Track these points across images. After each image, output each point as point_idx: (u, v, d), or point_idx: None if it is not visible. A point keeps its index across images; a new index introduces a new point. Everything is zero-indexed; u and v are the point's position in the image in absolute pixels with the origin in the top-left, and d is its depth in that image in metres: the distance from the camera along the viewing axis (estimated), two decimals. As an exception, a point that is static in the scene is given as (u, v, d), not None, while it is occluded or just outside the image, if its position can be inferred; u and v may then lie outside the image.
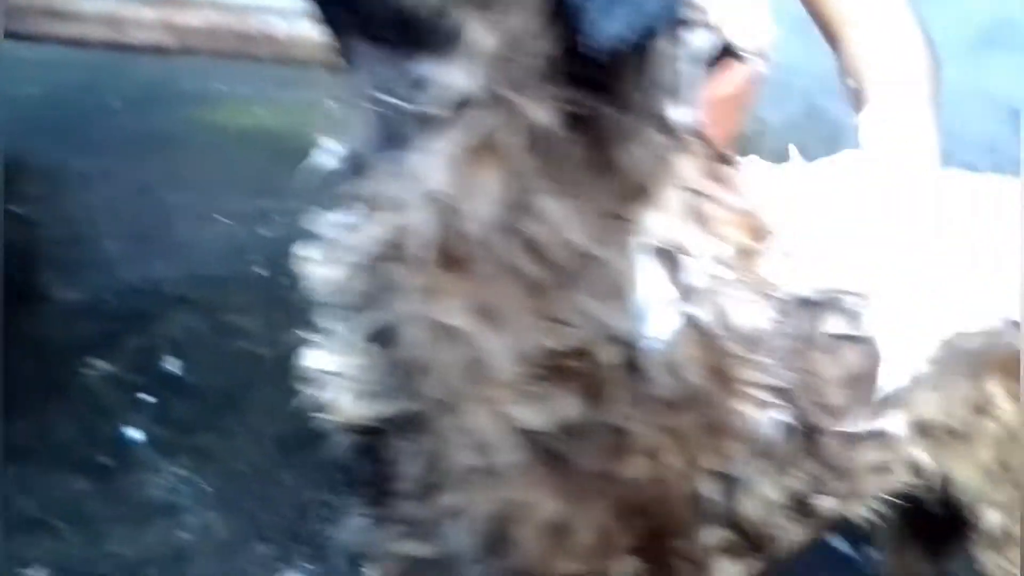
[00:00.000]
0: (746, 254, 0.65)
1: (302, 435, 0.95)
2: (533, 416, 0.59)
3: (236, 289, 2.08)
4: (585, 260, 0.57)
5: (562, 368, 0.58)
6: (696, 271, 0.62)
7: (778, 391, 0.67)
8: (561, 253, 0.56)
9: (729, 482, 0.68)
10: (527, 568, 0.67)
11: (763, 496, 0.71)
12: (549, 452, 0.60)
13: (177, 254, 2.23)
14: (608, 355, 0.58)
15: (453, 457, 0.62)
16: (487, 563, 0.68)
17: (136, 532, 1.40)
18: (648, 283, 0.59)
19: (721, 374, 0.64)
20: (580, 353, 0.58)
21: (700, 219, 0.62)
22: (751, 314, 0.65)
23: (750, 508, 0.71)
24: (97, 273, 2.12)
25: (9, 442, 1.51)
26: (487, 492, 0.62)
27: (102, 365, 1.78)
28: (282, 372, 1.81)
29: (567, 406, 0.59)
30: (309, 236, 0.65)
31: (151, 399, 1.70)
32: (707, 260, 0.62)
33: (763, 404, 0.66)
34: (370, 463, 0.69)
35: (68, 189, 2.51)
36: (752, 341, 0.65)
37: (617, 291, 0.58)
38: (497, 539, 0.66)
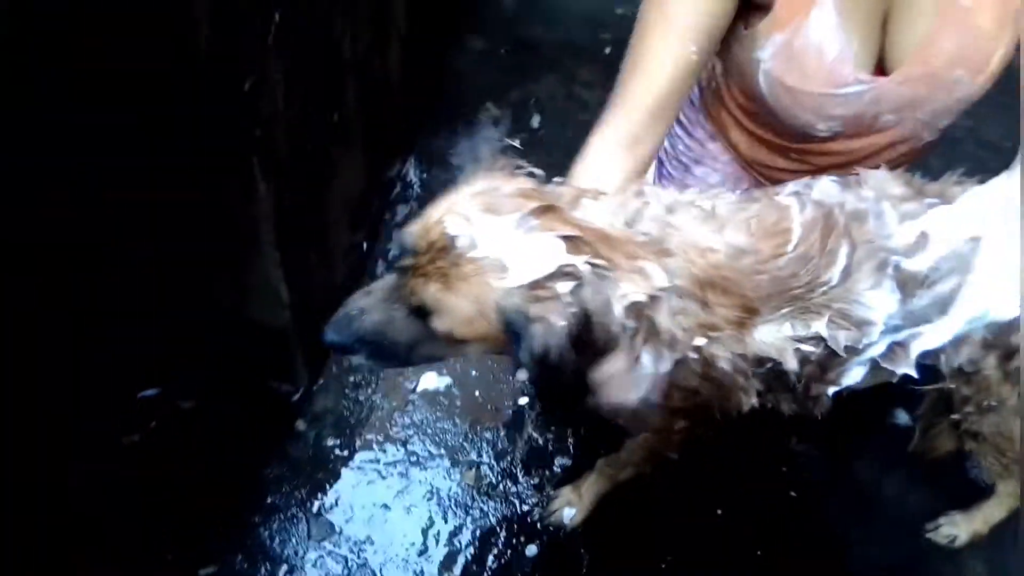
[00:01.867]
0: (736, 323, 1.20)
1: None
2: None
3: (589, 63, 2.75)
4: None
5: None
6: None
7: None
8: None
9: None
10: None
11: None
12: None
13: (554, 19, 2.91)
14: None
15: None
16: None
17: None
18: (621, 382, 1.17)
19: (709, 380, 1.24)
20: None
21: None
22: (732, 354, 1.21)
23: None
24: (496, 27, 2.88)
25: (433, 151, 2.44)
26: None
27: (494, 108, 2.62)
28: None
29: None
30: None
31: (517, 144, 2.54)
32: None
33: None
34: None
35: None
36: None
37: None
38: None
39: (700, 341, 1.17)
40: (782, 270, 1.21)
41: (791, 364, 1.22)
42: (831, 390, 1.38)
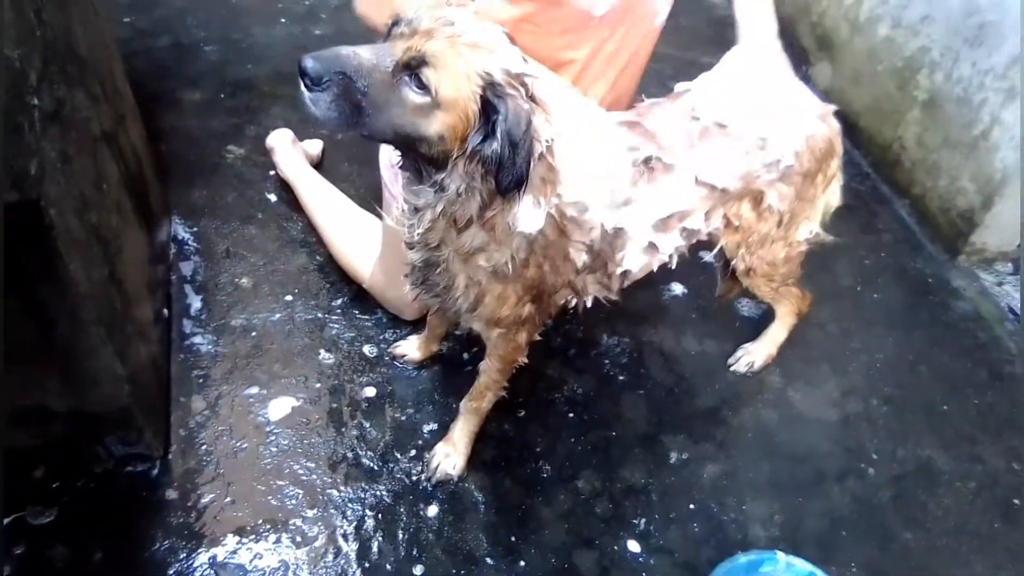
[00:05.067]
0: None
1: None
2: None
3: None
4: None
5: None
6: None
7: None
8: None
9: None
10: (490, 315, 1.63)
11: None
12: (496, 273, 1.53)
13: (258, 56, 3.01)
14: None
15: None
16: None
17: (292, 257, 2.42)
18: (529, 214, 1.43)
19: (562, 235, 1.55)
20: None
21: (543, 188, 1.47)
22: (576, 214, 1.54)
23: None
24: (208, 78, 2.93)
25: (194, 204, 2.48)
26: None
27: (236, 149, 2.69)
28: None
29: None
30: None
31: (272, 172, 2.63)
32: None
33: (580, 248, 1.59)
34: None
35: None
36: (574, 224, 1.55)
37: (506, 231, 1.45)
38: (476, 303, 1.61)
39: (554, 198, 1.44)
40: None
41: (608, 226, 1.57)
42: (619, 270, 1.70)
